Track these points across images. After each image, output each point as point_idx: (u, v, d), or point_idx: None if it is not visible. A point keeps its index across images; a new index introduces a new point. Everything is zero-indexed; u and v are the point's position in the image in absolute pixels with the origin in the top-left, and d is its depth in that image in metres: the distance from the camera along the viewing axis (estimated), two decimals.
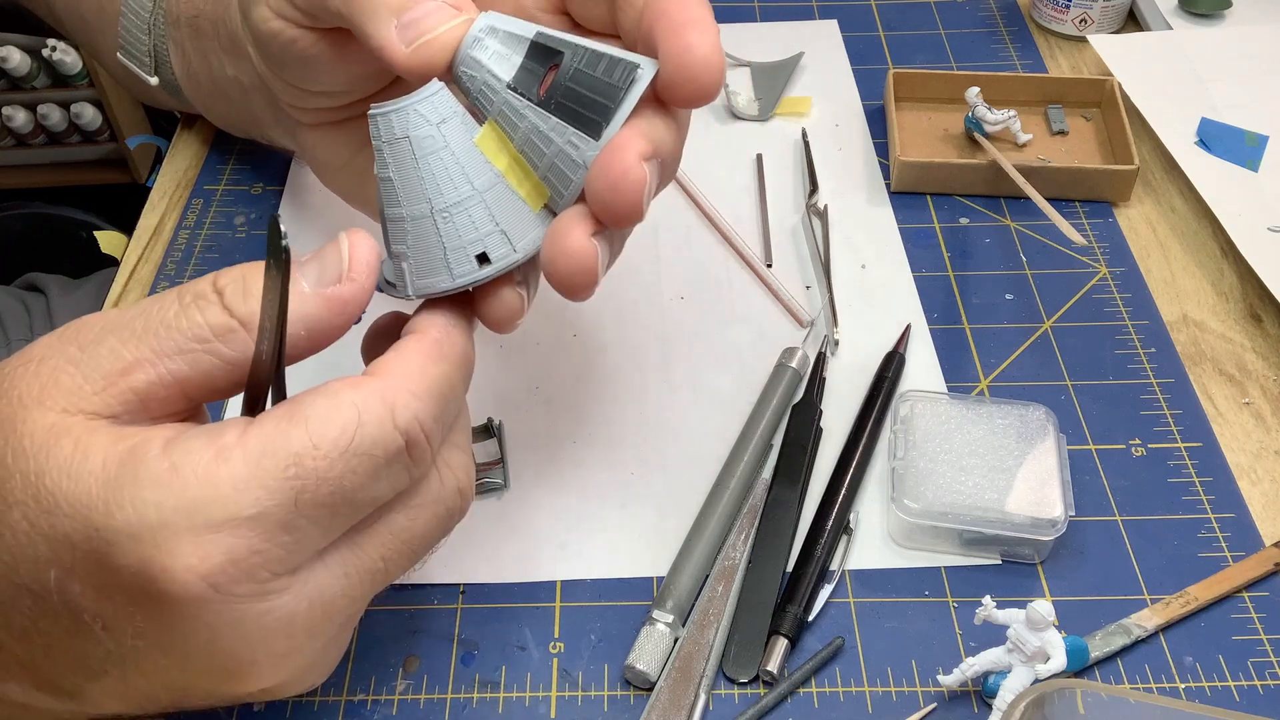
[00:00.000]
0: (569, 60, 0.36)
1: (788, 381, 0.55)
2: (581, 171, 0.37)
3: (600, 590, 0.48)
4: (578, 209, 0.37)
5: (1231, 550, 0.49)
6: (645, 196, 0.36)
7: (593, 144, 0.36)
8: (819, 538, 0.49)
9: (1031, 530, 0.47)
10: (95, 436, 0.32)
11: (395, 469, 0.34)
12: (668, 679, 0.45)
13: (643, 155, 0.36)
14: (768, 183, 0.67)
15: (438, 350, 0.36)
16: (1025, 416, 0.51)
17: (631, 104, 0.36)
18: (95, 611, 0.32)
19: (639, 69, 0.36)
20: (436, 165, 0.36)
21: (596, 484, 0.52)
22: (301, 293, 0.35)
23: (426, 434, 0.34)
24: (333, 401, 0.33)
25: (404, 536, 0.37)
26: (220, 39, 0.54)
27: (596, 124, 0.36)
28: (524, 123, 0.37)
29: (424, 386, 0.34)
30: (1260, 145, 0.66)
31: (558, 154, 0.37)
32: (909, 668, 0.46)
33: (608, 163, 0.36)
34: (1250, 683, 0.45)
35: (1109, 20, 0.76)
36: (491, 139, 0.37)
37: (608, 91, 0.36)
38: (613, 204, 0.36)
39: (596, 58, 0.36)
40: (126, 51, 0.62)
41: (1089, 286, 0.61)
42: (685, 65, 0.35)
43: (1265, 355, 0.57)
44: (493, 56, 0.37)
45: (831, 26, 0.79)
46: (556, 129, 0.37)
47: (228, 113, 0.61)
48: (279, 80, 0.45)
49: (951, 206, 0.65)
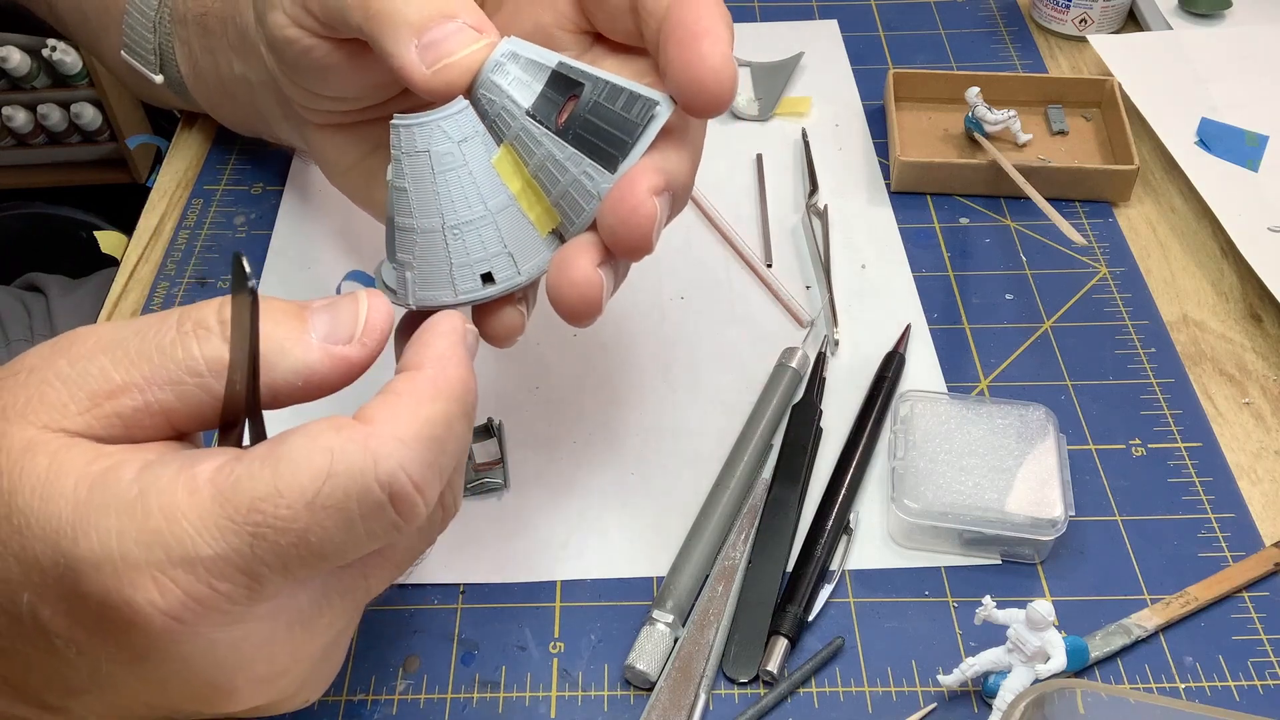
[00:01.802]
0: (589, 92, 0.37)
1: (788, 381, 0.55)
2: (594, 202, 0.37)
3: (600, 590, 0.48)
4: (585, 238, 0.38)
5: (1231, 550, 0.49)
6: (655, 230, 0.36)
7: (608, 176, 0.37)
8: (819, 538, 0.49)
9: (1031, 530, 0.47)
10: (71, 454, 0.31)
11: (376, 525, 0.31)
12: (668, 679, 0.45)
13: (654, 190, 0.36)
14: (768, 183, 0.67)
15: (431, 387, 0.33)
16: (1025, 416, 0.51)
17: (649, 140, 0.37)
18: (68, 637, 0.31)
19: (657, 106, 0.37)
20: (454, 182, 0.37)
21: (596, 484, 0.52)
22: (307, 343, 0.33)
23: (417, 485, 0.31)
24: (310, 445, 0.31)
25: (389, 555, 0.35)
26: (229, 37, 0.54)
27: (613, 157, 0.37)
28: (540, 150, 0.37)
29: (414, 432, 0.31)
30: (1260, 145, 0.66)
31: (572, 183, 0.37)
32: (909, 668, 0.46)
33: (620, 197, 0.36)
34: (1250, 683, 0.45)
35: (1109, 20, 0.76)
36: (507, 162, 0.38)
37: (625, 126, 0.37)
38: (624, 237, 0.36)
39: (616, 92, 0.37)
40: (131, 50, 0.62)
41: (1089, 286, 0.61)
42: (697, 76, 0.35)
43: (1265, 355, 0.57)
44: (513, 83, 0.37)
45: (831, 26, 0.79)
46: (573, 159, 0.37)
47: (234, 111, 0.61)
48: (291, 83, 0.45)
49: (951, 206, 0.65)
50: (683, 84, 0.36)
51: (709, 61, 0.35)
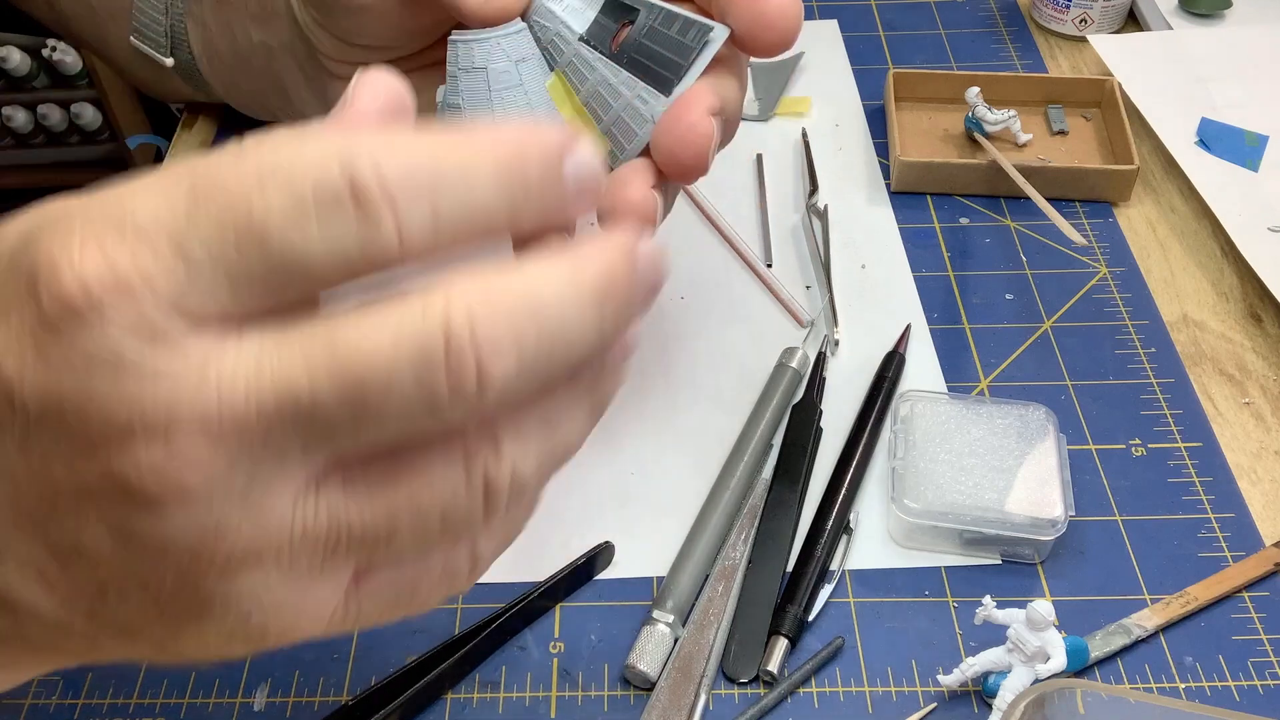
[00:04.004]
0: (644, 18, 0.38)
1: (788, 381, 0.55)
2: (648, 125, 0.38)
3: (600, 590, 0.48)
4: (638, 163, 0.38)
5: (1231, 550, 0.49)
6: (711, 151, 0.37)
7: (662, 99, 0.37)
8: (819, 538, 0.49)
9: (1031, 530, 0.47)
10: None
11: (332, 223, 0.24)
12: (668, 679, 0.45)
13: (711, 110, 0.37)
14: (768, 183, 0.67)
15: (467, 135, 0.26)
16: (1025, 416, 0.51)
17: (704, 64, 0.37)
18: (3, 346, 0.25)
19: (712, 31, 0.37)
20: (509, 101, 0.37)
21: (596, 484, 0.52)
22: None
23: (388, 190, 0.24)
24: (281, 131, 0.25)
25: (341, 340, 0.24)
26: (249, 6, 0.54)
27: (669, 80, 0.37)
28: (594, 75, 0.38)
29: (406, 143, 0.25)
30: (1260, 145, 0.66)
31: (625, 107, 0.38)
32: (909, 668, 0.46)
33: (676, 116, 0.37)
34: (1250, 683, 0.45)
35: (1109, 20, 0.76)
36: (559, 88, 0.38)
37: (681, 50, 0.37)
38: (680, 156, 0.37)
39: (671, 17, 0.37)
40: (141, 34, 0.62)
41: (1089, 286, 0.61)
42: (762, 13, 0.36)
43: (1265, 355, 0.57)
44: (566, 9, 0.38)
45: (831, 26, 0.79)
46: (627, 83, 0.37)
47: (250, 86, 0.61)
48: (324, 31, 0.45)
49: (951, 206, 0.65)
50: (747, 22, 0.37)
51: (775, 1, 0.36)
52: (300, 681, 0.46)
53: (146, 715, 0.45)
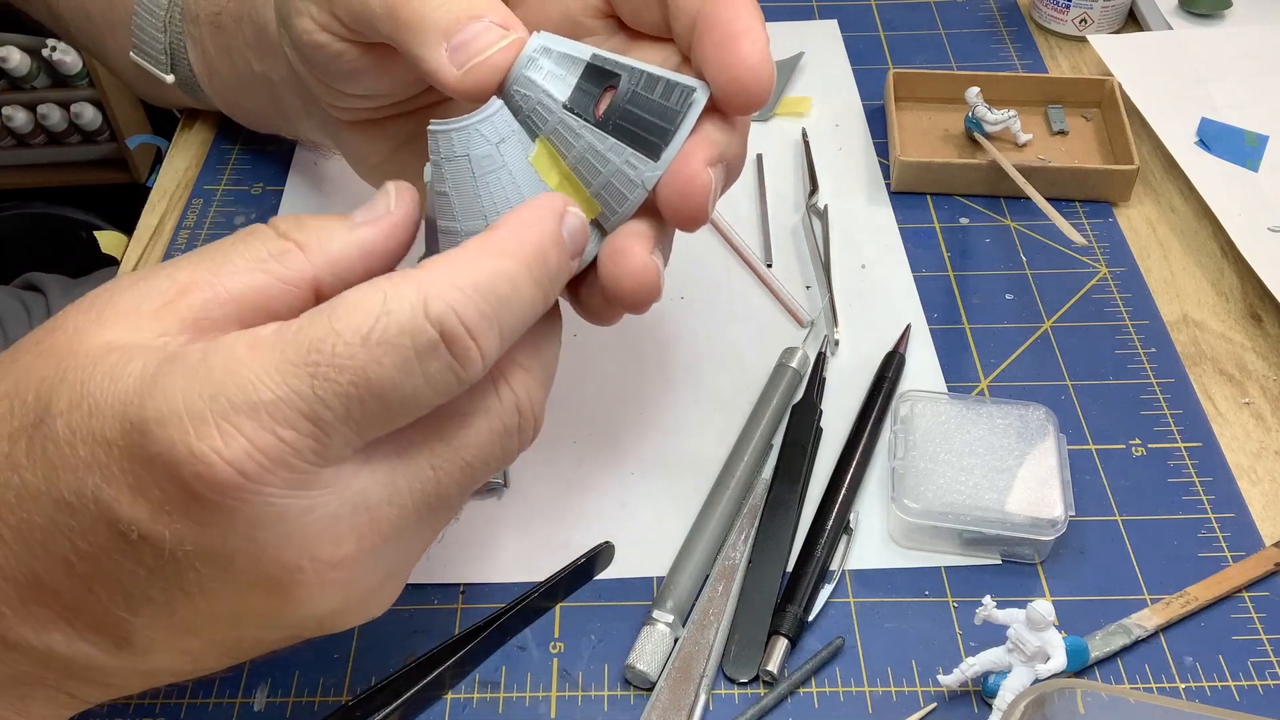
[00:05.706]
0: (626, 83, 0.37)
1: (788, 381, 0.55)
2: (639, 191, 0.38)
3: (600, 590, 0.48)
4: (633, 226, 0.38)
5: (1231, 550, 0.49)
6: (710, 200, 0.38)
7: (651, 165, 0.37)
8: (819, 538, 0.49)
9: (1031, 530, 0.47)
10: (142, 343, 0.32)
11: (432, 366, 0.31)
12: (668, 679, 0.45)
13: (709, 161, 0.37)
14: (768, 183, 0.67)
15: (498, 245, 0.33)
16: (1025, 416, 0.51)
17: (689, 127, 0.37)
18: (130, 518, 0.31)
19: (695, 92, 0.37)
20: (494, 184, 0.37)
21: (596, 484, 0.52)
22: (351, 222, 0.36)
23: (469, 329, 0.32)
24: (365, 289, 0.31)
25: (454, 444, 0.35)
26: (245, 35, 0.54)
27: (656, 145, 0.37)
28: (580, 142, 0.37)
29: (470, 280, 0.32)
30: (1260, 145, 0.66)
31: (614, 173, 0.38)
32: (909, 668, 0.46)
33: (676, 169, 0.37)
34: (1250, 683, 0.45)
35: (1109, 20, 0.76)
36: (544, 156, 0.38)
37: (665, 114, 0.37)
38: (681, 209, 0.38)
39: (653, 81, 0.37)
40: (140, 50, 0.61)
41: (1089, 286, 0.61)
42: (737, 76, 0.37)
43: (1265, 355, 0.57)
44: (547, 77, 0.37)
45: (831, 26, 0.79)
46: (614, 149, 0.37)
47: (252, 108, 0.61)
48: (320, 84, 0.45)
49: (951, 206, 0.65)
50: (722, 83, 0.37)
51: (748, 61, 0.36)
52: (300, 681, 0.46)
53: (146, 715, 0.45)
